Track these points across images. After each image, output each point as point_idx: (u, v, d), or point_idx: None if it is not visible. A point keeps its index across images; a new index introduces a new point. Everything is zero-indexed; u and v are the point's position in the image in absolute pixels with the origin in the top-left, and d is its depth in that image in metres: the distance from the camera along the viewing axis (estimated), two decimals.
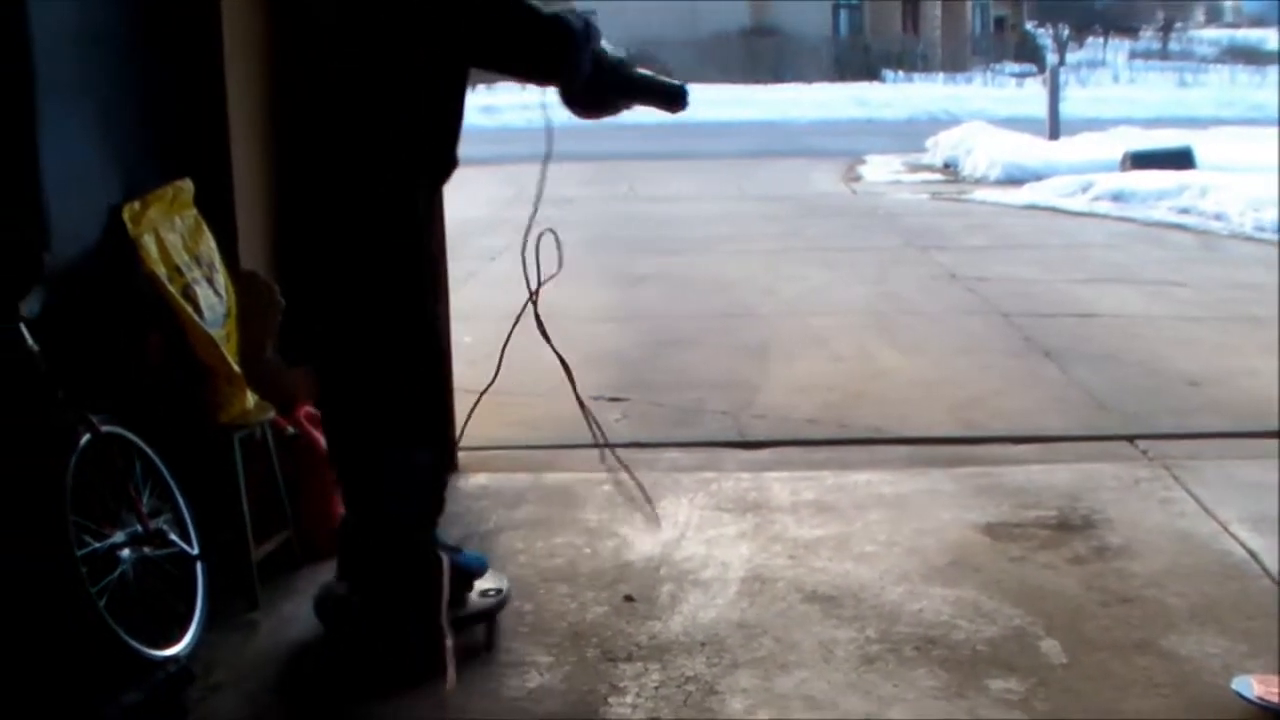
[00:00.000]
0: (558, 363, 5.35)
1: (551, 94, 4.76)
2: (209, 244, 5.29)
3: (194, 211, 5.27)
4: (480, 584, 4.98)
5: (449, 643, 4.62)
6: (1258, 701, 4.32)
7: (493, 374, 5.54)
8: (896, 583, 5.42)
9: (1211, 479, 6.56)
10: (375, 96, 4.56)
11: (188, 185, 5.25)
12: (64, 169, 4.70)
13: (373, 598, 4.79)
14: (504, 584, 5.06)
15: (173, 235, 5.09)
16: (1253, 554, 5.64)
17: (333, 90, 4.63)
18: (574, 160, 25.28)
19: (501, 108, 38.57)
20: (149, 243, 4.96)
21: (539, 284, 5.11)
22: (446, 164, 4.81)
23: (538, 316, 5.20)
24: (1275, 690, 4.34)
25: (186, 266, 5.08)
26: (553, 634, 5.00)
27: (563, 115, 4.84)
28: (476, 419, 6.32)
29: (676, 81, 4.92)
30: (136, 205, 4.96)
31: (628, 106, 4.90)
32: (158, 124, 5.38)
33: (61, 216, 4.67)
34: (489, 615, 4.94)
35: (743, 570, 5.57)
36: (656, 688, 4.57)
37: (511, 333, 5.22)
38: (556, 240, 5.11)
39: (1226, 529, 5.93)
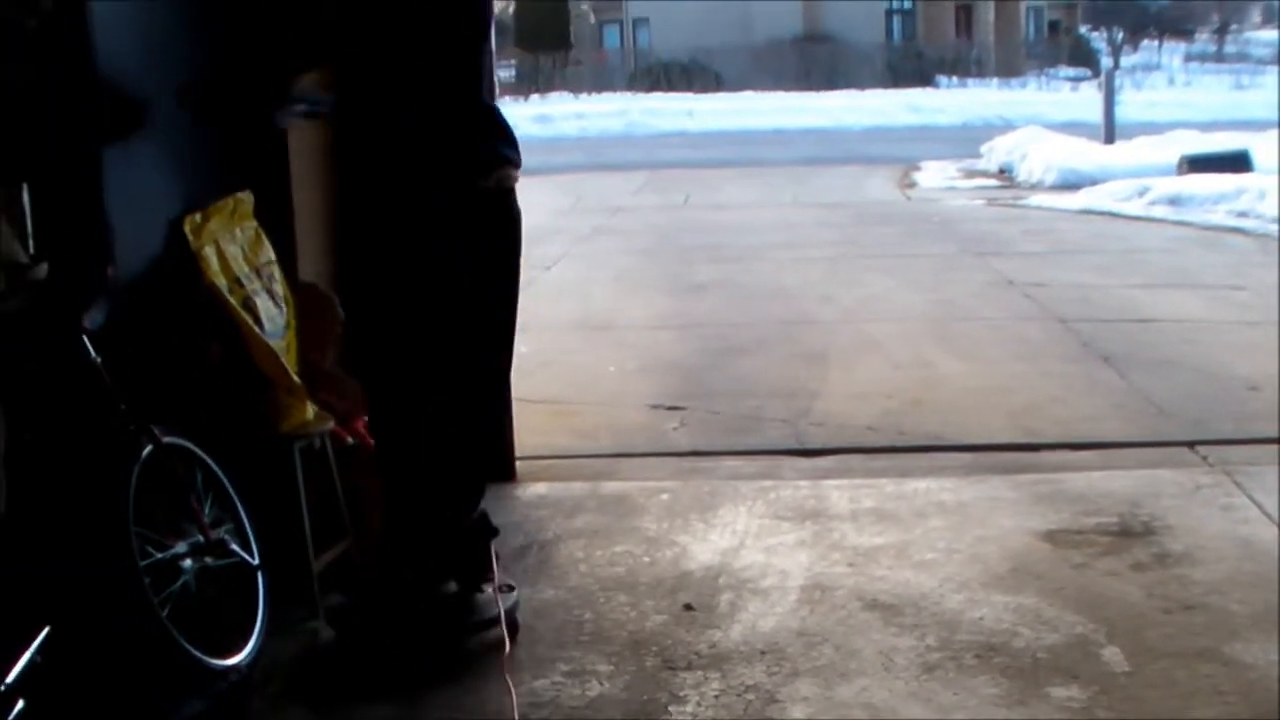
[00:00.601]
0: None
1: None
2: (269, 255, 5.33)
3: (254, 223, 5.31)
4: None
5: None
6: None
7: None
8: (957, 590, 5.40)
9: (1273, 485, 6.50)
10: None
11: (248, 197, 5.29)
12: (126, 183, 4.74)
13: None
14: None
15: (233, 247, 5.13)
16: None
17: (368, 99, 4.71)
18: (627, 169, 25.53)
19: (554, 117, 38.75)
20: (210, 254, 4.99)
21: None
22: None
23: None
24: None
25: (247, 278, 5.12)
26: (613, 643, 5.00)
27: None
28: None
29: None
30: (198, 217, 5.00)
31: None
32: (218, 136, 5.41)
33: (124, 230, 4.71)
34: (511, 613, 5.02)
35: (802, 578, 5.56)
36: (717, 696, 4.56)
37: None
38: None
39: None
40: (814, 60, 52.51)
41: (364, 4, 4.72)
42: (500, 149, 4.82)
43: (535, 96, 47.28)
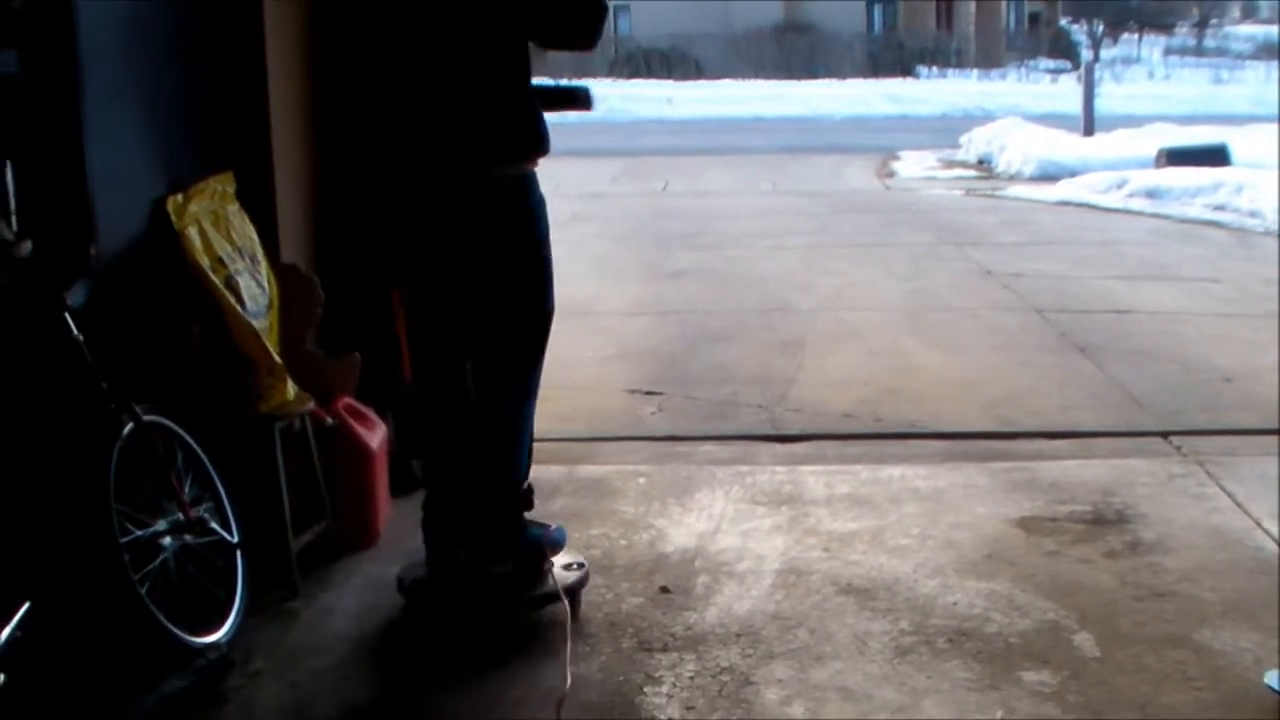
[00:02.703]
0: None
1: None
2: (251, 236, 5.35)
3: (236, 205, 5.33)
4: (561, 559, 5.15)
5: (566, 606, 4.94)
6: None
7: None
8: (931, 576, 5.45)
9: (1245, 475, 6.57)
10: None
11: (230, 178, 5.32)
12: (110, 162, 4.76)
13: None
14: (584, 559, 5.24)
15: (215, 227, 5.15)
16: None
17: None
18: (605, 155, 25.52)
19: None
20: (193, 234, 5.01)
21: None
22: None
23: None
24: None
25: (229, 258, 5.13)
26: (589, 624, 5.03)
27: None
28: None
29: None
30: (180, 198, 5.01)
31: None
32: (201, 119, 5.44)
33: (107, 209, 4.72)
34: (575, 590, 5.09)
35: (777, 562, 5.60)
36: (692, 678, 4.60)
37: None
38: None
39: (1259, 525, 5.94)
40: (794, 49, 52.51)
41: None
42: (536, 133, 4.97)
43: None
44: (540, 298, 5.07)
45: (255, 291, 5.20)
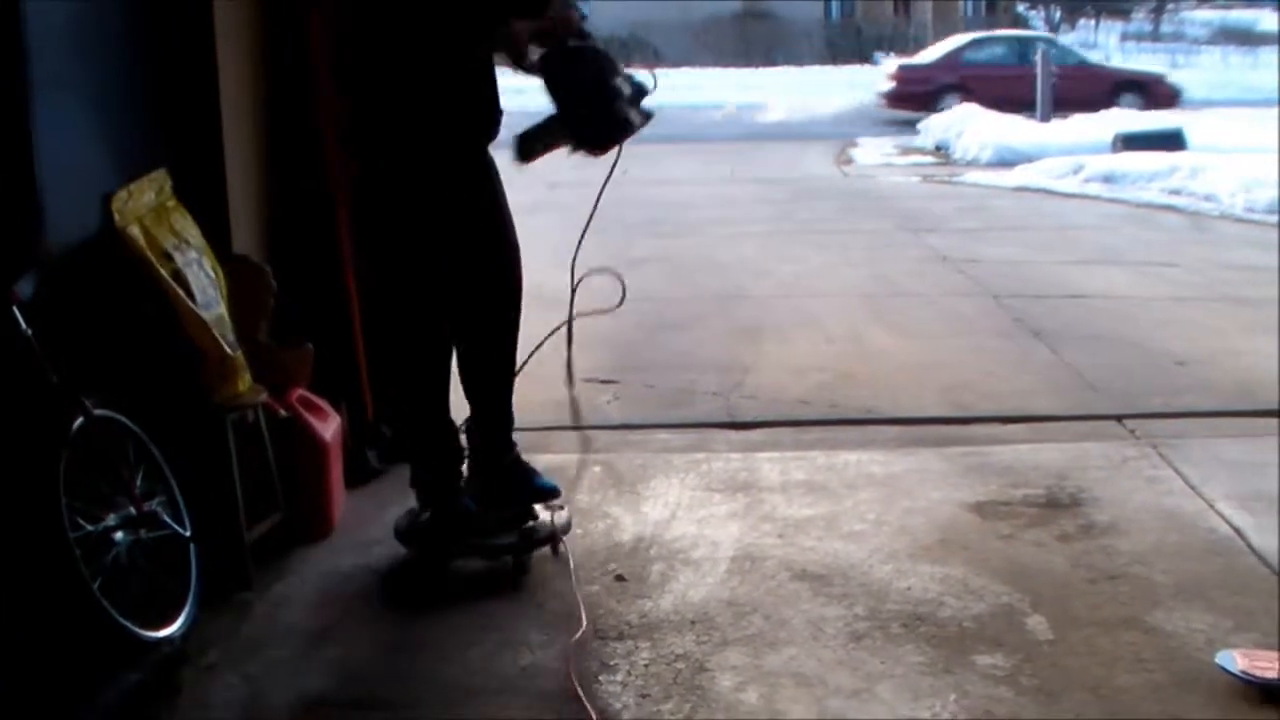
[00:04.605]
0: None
1: None
2: (194, 231, 5.30)
3: (174, 200, 5.28)
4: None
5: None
6: (1241, 675, 4.37)
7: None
8: (885, 561, 5.46)
9: (1198, 458, 6.61)
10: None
11: (164, 175, 5.27)
12: (58, 154, 4.72)
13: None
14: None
15: (158, 223, 5.11)
16: (1238, 531, 5.69)
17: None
18: None
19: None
20: (135, 232, 4.97)
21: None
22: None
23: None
24: (1259, 664, 4.38)
25: (177, 250, 5.10)
26: (545, 612, 5.03)
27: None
28: None
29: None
30: (124, 194, 4.97)
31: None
32: (151, 112, 5.41)
33: (55, 201, 4.69)
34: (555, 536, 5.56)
35: (733, 549, 5.61)
36: (647, 665, 4.61)
37: None
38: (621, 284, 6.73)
39: (1212, 506, 5.98)
40: (753, 36, 52.48)
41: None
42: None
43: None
44: None
45: (204, 283, 5.16)
